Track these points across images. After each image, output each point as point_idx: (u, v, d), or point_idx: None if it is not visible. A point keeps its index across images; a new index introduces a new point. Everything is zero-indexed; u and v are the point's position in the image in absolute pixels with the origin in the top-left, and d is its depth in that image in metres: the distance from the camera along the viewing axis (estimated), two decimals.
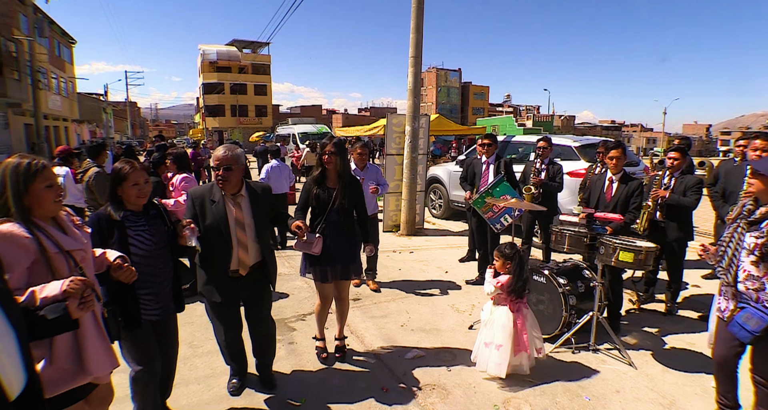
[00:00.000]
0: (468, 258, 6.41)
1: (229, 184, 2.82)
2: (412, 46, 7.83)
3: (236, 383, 3.18)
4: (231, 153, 2.82)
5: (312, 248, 3.33)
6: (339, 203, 3.44)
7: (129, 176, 2.45)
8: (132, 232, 2.46)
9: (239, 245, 2.87)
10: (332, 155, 3.42)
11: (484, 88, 72.03)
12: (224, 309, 2.99)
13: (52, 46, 28.69)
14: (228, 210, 2.86)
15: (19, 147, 23.63)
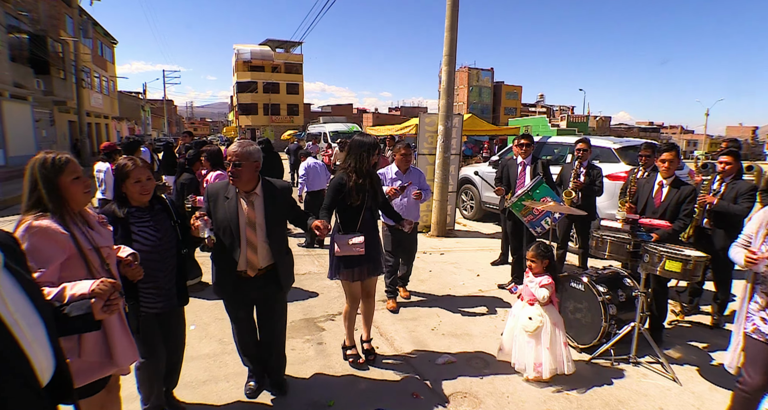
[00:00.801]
0: (500, 261, 6.26)
1: (239, 180, 2.75)
2: (446, 45, 7.71)
3: (253, 385, 3.13)
4: (242, 149, 2.74)
5: (358, 250, 3.27)
6: (373, 200, 3.48)
7: (131, 173, 2.48)
8: (136, 228, 2.50)
9: (248, 246, 2.79)
10: (378, 156, 3.53)
11: (516, 88, 70.79)
12: (235, 309, 2.98)
13: (95, 46, 29.78)
14: (240, 208, 2.79)
15: (63, 143, 24.69)
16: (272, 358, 3.17)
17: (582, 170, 5.39)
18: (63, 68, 22.61)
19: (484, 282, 5.57)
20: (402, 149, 4.61)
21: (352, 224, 3.39)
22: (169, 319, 2.72)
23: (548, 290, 3.30)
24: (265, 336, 3.10)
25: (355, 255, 3.31)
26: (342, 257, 3.36)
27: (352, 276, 3.42)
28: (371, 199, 3.47)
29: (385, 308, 4.63)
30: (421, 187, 4.60)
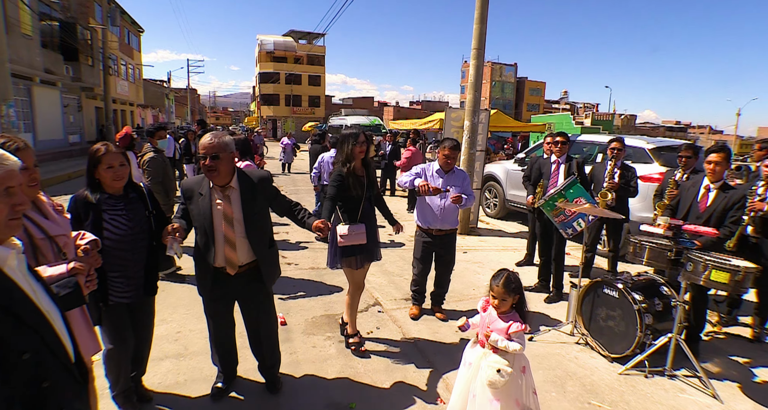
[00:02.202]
0: (525, 262, 6.09)
1: (217, 174, 2.59)
2: (475, 38, 7.49)
3: (221, 386, 3.00)
4: (218, 140, 2.58)
5: (359, 239, 3.38)
6: (370, 190, 3.54)
7: (103, 158, 2.40)
8: (108, 215, 2.44)
9: (226, 242, 2.66)
10: (363, 145, 3.49)
11: (540, 84, 69.63)
12: (212, 306, 2.88)
13: (123, 34, 30.18)
14: (213, 204, 2.65)
15: (90, 129, 25.16)
16: (268, 358, 3.06)
17: (616, 170, 5.17)
18: (91, 55, 23.02)
19: None
20: (446, 149, 4.08)
21: (354, 215, 3.47)
22: (138, 309, 2.69)
23: (522, 341, 2.48)
24: (254, 335, 3.00)
25: (355, 244, 3.40)
26: (342, 247, 3.43)
27: (355, 264, 3.52)
28: (369, 189, 3.56)
29: (408, 311, 4.48)
30: (465, 191, 4.10)
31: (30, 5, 16.53)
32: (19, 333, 1.21)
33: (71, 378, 1.39)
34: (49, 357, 1.30)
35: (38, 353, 1.26)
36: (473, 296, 4.98)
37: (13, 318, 1.20)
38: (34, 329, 1.27)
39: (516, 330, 2.49)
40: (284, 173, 17.35)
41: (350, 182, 3.42)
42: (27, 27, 16.52)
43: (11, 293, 1.23)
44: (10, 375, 1.17)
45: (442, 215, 4.12)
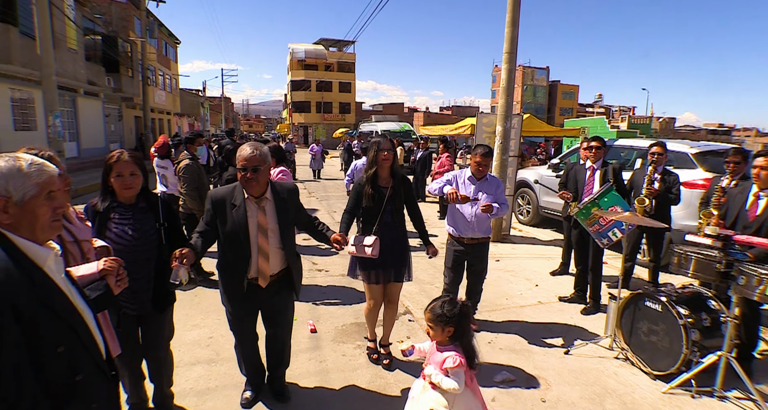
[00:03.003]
0: (561, 272, 5.90)
1: (257, 186, 2.60)
2: (507, 42, 7.37)
3: (249, 395, 3.00)
4: (259, 152, 2.56)
5: (371, 252, 3.16)
6: (393, 202, 3.32)
7: (114, 166, 2.38)
8: (113, 224, 2.40)
9: (260, 253, 2.64)
10: (390, 152, 3.29)
11: (573, 88, 68.18)
12: (240, 319, 2.84)
13: (160, 46, 31.27)
14: (249, 215, 2.62)
15: (129, 137, 26.15)
16: (281, 367, 3.07)
17: (656, 176, 4.95)
18: (131, 67, 23.95)
19: (544, 293, 5.25)
20: (478, 156, 3.91)
21: (369, 227, 3.34)
22: (147, 323, 2.61)
23: (458, 379, 2.15)
24: (273, 345, 3.00)
25: (371, 258, 3.21)
26: (358, 258, 3.31)
27: (368, 278, 3.39)
28: (394, 201, 3.33)
29: None
30: (497, 199, 3.93)
31: (75, 21, 17.36)
32: (55, 327, 1.31)
33: (102, 374, 1.48)
34: (82, 353, 1.39)
35: (73, 348, 1.35)
36: (506, 306, 4.85)
37: (51, 314, 1.30)
38: (69, 325, 1.36)
39: (451, 366, 2.15)
40: (315, 179, 17.51)
41: (366, 191, 3.30)
42: (73, 42, 17.34)
43: (51, 291, 1.33)
44: (47, 367, 1.27)
45: (473, 223, 3.99)
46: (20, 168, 1.32)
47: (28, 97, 14.98)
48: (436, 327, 2.23)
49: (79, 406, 1.37)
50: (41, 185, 1.34)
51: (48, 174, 1.38)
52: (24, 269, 1.27)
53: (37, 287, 1.27)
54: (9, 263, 1.23)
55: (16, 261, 1.25)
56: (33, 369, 1.23)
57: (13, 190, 1.29)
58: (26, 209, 1.32)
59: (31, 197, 1.32)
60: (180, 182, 5.40)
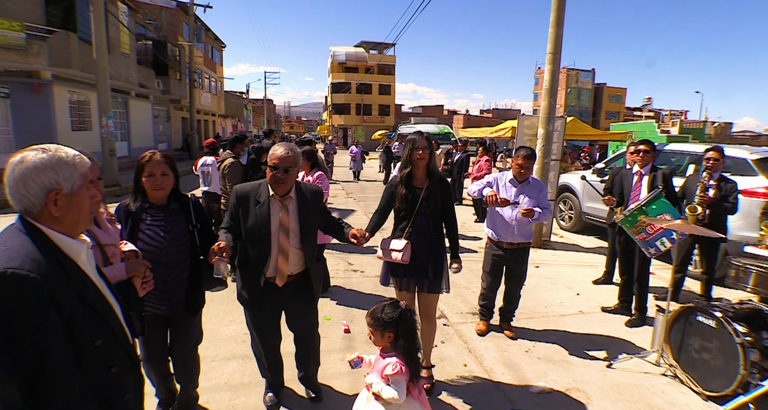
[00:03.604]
0: (604, 281, 5.64)
1: (285, 186, 2.58)
2: (550, 42, 7.15)
3: (272, 397, 2.96)
4: (292, 154, 2.54)
5: (400, 257, 2.99)
6: (428, 204, 3.08)
7: (145, 166, 2.35)
8: (145, 225, 2.36)
9: (279, 253, 2.60)
10: (425, 151, 3.06)
11: (620, 91, 65.69)
12: (258, 317, 2.79)
13: (207, 49, 32.40)
14: (273, 213, 2.60)
15: (176, 137, 27.22)
16: (311, 367, 3.03)
17: (711, 182, 4.66)
18: (179, 70, 24.99)
19: (585, 302, 5.04)
20: (520, 158, 3.83)
21: (401, 230, 3.14)
22: (176, 325, 2.56)
23: (399, 388, 2.04)
24: (300, 346, 2.97)
25: (401, 264, 3.03)
26: (390, 263, 3.13)
27: (399, 285, 3.20)
28: (429, 204, 3.09)
29: (475, 327, 4.27)
30: (539, 204, 3.81)
31: (129, 27, 18.23)
32: (92, 321, 1.31)
33: (133, 364, 1.50)
34: (116, 345, 1.41)
35: (108, 341, 1.36)
36: (545, 314, 4.68)
37: (87, 308, 1.30)
38: (104, 318, 1.37)
39: (390, 373, 2.03)
40: (354, 180, 17.64)
41: (399, 191, 3.12)
42: (126, 46, 18.21)
43: (85, 284, 1.33)
44: (86, 360, 1.27)
45: (514, 227, 3.87)
46: (67, 159, 1.30)
47: (84, 99, 15.82)
48: (376, 331, 2.16)
49: (114, 397, 1.38)
50: (84, 175, 1.33)
51: (89, 164, 1.38)
52: (59, 264, 1.25)
53: (73, 282, 1.27)
54: (45, 258, 1.21)
55: (51, 256, 1.24)
56: (76, 365, 1.23)
57: (63, 181, 1.27)
58: (73, 201, 1.30)
59: (78, 187, 1.31)
60: (224, 179, 5.53)
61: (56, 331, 1.18)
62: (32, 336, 1.14)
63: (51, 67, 13.12)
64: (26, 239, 1.24)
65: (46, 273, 1.18)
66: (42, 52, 12.81)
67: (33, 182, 1.25)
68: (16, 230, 1.27)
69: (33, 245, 1.23)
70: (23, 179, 1.24)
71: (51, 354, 1.16)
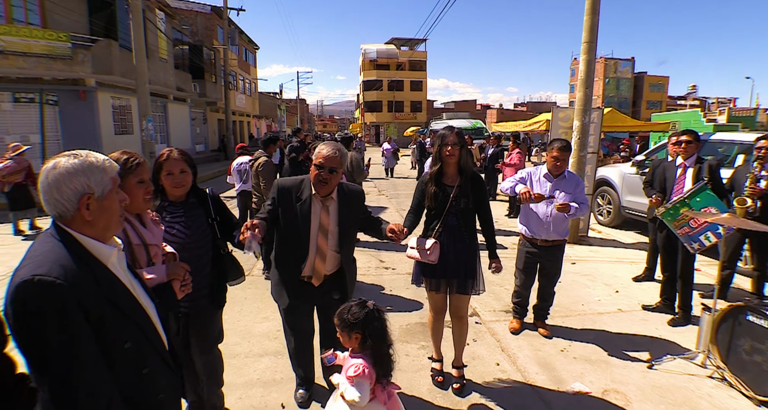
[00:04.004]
0: (645, 278, 5.41)
1: (328, 187, 2.54)
2: (585, 31, 6.90)
3: (303, 393, 2.96)
4: (340, 153, 2.49)
5: (428, 256, 2.91)
6: (459, 203, 2.97)
7: (164, 164, 2.35)
8: (165, 223, 2.36)
9: (317, 253, 2.58)
10: (455, 147, 2.92)
11: (662, 79, 62.86)
12: (292, 314, 2.76)
13: (241, 52, 33.13)
14: (313, 213, 2.56)
15: (213, 139, 27.98)
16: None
17: (763, 173, 4.37)
18: (214, 73, 25.67)
19: (624, 300, 4.84)
20: (555, 150, 3.68)
21: (431, 229, 3.06)
22: (199, 319, 2.55)
23: (361, 390, 2.00)
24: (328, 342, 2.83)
25: (431, 264, 2.95)
26: (421, 263, 3.06)
27: (429, 286, 3.12)
28: (460, 202, 2.97)
29: (508, 325, 4.17)
30: (576, 199, 3.68)
31: (166, 33, 18.83)
32: (121, 324, 1.33)
33: (167, 366, 1.52)
34: (147, 346, 1.43)
35: (138, 343, 1.38)
36: (582, 312, 4.53)
37: (117, 311, 1.32)
38: (134, 320, 1.39)
39: (352, 375, 1.99)
40: (387, 177, 17.64)
41: (429, 190, 3.03)
42: (164, 52, 18.82)
43: (114, 287, 1.35)
44: (116, 362, 1.30)
45: (549, 223, 3.73)
46: (96, 162, 1.32)
47: (126, 104, 16.47)
48: (343, 332, 2.11)
49: (147, 398, 1.41)
50: (114, 179, 1.36)
51: (117, 168, 1.40)
52: (89, 268, 1.28)
53: (102, 285, 1.29)
54: (75, 262, 1.24)
55: (81, 260, 1.27)
56: (105, 367, 1.26)
57: (95, 185, 1.30)
58: (104, 205, 1.32)
59: (109, 191, 1.33)
60: (258, 178, 5.63)
61: (83, 335, 1.20)
62: (59, 339, 1.16)
63: (94, 75, 13.72)
64: (57, 244, 1.27)
65: (73, 278, 1.20)
66: (86, 61, 13.41)
67: (66, 187, 1.28)
68: (49, 236, 1.31)
69: (64, 250, 1.26)
70: (57, 184, 1.27)
71: (78, 357, 1.19)
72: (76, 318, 1.19)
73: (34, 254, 1.25)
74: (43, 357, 1.17)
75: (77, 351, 1.18)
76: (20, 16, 13.19)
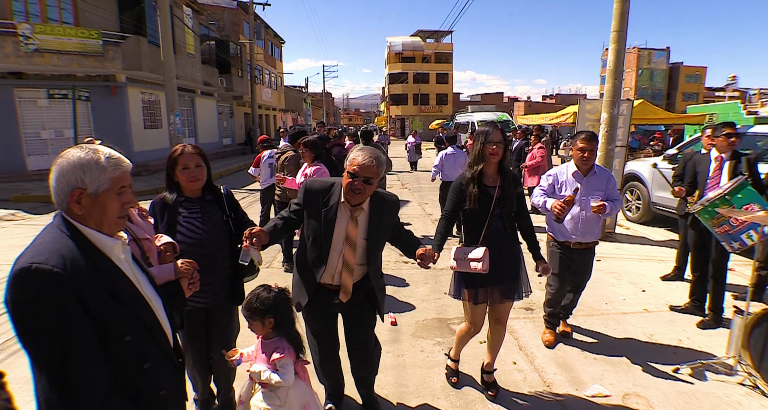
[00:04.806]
0: (674, 277, 5.19)
1: (361, 197, 2.32)
2: (615, 19, 6.64)
3: (331, 408, 2.78)
4: (377, 162, 2.27)
5: (480, 266, 2.67)
6: (502, 206, 2.78)
7: (179, 159, 2.33)
8: (182, 218, 2.35)
9: (344, 266, 2.39)
10: (500, 145, 2.73)
11: (699, 70, 60.20)
12: (315, 321, 2.60)
13: (267, 46, 33.43)
14: (338, 222, 2.36)
15: (239, 132, 28.41)
16: (368, 379, 2.78)
17: None
18: (241, 67, 25.99)
19: (651, 300, 4.66)
20: (581, 141, 3.36)
21: (475, 235, 2.80)
22: (217, 315, 2.53)
23: (287, 371, 2.06)
24: (357, 358, 2.69)
25: (478, 273, 2.71)
26: (463, 273, 2.81)
27: (475, 298, 2.83)
28: (504, 204, 2.79)
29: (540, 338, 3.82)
30: (609, 196, 3.41)
31: (193, 28, 19.14)
32: (122, 317, 1.32)
33: (170, 361, 1.50)
34: (149, 341, 1.41)
35: (140, 337, 1.37)
36: (605, 311, 4.38)
37: (118, 303, 1.31)
38: (136, 314, 1.38)
39: (278, 357, 2.06)
40: (411, 170, 17.57)
41: (470, 191, 2.78)
42: (191, 47, 19.15)
43: (117, 280, 1.35)
44: (116, 355, 1.30)
45: (581, 226, 3.45)
46: (98, 161, 1.32)
47: (155, 99, 16.85)
48: (256, 321, 2.11)
49: (148, 393, 1.40)
50: (115, 179, 1.34)
51: (122, 170, 1.37)
52: (91, 260, 1.28)
53: (104, 277, 1.29)
54: (77, 253, 1.25)
55: (83, 251, 1.27)
56: (104, 358, 1.26)
57: (89, 182, 1.30)
58: (98, 202, 1.32)
59: (105, 190, 1.32)
60: (283, 171, 5.64)
61: (80, 325, 1.20)
62: (55, 329, 1.17)
63: (124, 71, 14.08)
64: (60, 234, 1.28)
65: (72, 268, 1.21)
66: (116, 57, 13.77)
67: (63, 179, 1.30)
68: (54, 226, 1.32)
69: (67, 240, 1.27)
70: (56, 174, 1.30)
71: (74, 347, 1.19)
72: (73, 307, 1.19)
73: (36, 243, 1.27)
74: (39, 343, 1.18)
75: (73, 340, 1.19)
76: (54, 15, 13.63)
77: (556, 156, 14.41)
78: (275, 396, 2.08)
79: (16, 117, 13.24)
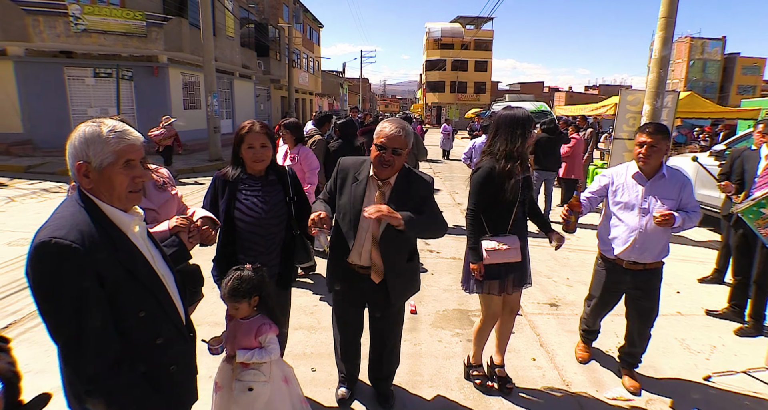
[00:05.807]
0: (713, 280, 4.93)
1: (391, 170, 2.29)
2: (664, 4, 6.23)
3: (345, 392, 2.74)
4: (404, 133, 2.23)
5: (514, 255, 2.64)
6: (525, 194, 2.75)
7: (245, 137, 2.29)
8: (243, 195, 2.32)
9: (373, 243, 2.32)
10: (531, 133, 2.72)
11: (758, 61, 56.54)
12: (342, 304, 2.60)
13: (305, 30, 33.57)
14: (367, 196, 2.33)
15: (276, 116, 28.76)
16: (383, 369, 2.74)
17: None
18: (279, 51, 26.20)
19: (686, 302, 4.44)
20: (644, 135, 2.73)
21: (503, 224, 2.69)
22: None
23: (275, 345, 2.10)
24: (375, 347, 2.67)
25: (501, 263, 2.65)
26: (488, 266, 2.69)
27: (498, 289, 2.74)
28: (525, 192, 2.74)
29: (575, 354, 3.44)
30: (683, 205, 2.75)
31: (233, 11, 19.34)
32: (137, 292, 1.35)
33: (182, 336, 1.53)
34: (162, 316, 1.44)
35: (153, 312, 1.39)
36: None
37: (133, 279, 1.34)
38: (150, 289, 1.40)
39: (269, 332, 2.09)
40: (443, 159, 17.39)
41: (507, 183, 2.62)
42: (230, 30, 19.39)
43: (132, 255, 1.37)
44: (129, 330, 1.33)
45: (640, 240, 2.81)
46: (100, 134, 1.32)
47: (195, 80, 17.21)
48: (241, 303, 2.06)
49: (159, 367, 1.42)
50: (118, 152, 1.33)
51: (127, 142, 1.35)
52: (108, 235, 1.30)
53: (120, 253, 1.31)
54: (94, 228, 1.27)
55: (100, 227, 1.29)
56: (117, 332, 1.29)
57: (93, 155, 1.31)
58: (104, 175, 1.32)
59: (109, 164, 1.32)
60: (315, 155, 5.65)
61: (96, 299, 1.24)
62: (72, 302, 1.21)
63: (166, 52, 14.40)
64: (79, 209, 1.31)
65: (90, 243, 1.24)
66: (159, 38, 14.09)
67: (72, 151, 1.33)
68: (73, 200, 1.34)
69: (85, 215, 1.30)
70: (69, 147, 1.33)
71: (88, 321, 1.23)
72: (90, 281, 1.23)
73: (56, 217, 1.30)
74: (56, 314, 1.23)
75: (88, 311, 1.22)
76: None
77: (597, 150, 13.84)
78: (260, 372, 2.08)
79: (65, 95, 13.79)
